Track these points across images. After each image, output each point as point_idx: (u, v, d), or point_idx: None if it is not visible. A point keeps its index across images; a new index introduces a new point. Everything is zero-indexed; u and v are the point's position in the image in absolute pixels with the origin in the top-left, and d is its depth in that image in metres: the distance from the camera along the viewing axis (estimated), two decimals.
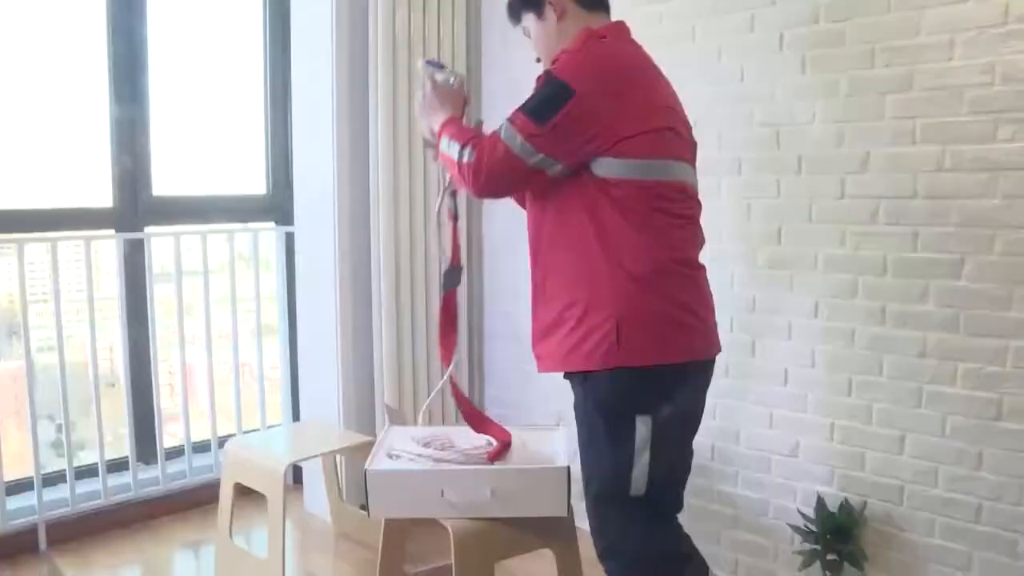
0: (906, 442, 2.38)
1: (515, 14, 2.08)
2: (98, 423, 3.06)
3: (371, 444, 2.60)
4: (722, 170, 2.72)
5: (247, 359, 3.55)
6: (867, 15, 2.36)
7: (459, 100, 2.10)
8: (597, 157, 1.80)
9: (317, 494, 3.27)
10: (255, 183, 3.64)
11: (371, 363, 3.27)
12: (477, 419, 2.27)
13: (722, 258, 2.73)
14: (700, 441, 2.81)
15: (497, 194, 2.00)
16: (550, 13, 1.98)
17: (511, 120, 1.83)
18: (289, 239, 3.53)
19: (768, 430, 2.68)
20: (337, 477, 3.17)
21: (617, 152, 1.79)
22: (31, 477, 2.95)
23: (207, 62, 3.45)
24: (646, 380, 1.81)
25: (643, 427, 1.82)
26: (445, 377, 2.26)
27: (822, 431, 2.55)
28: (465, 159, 1.87)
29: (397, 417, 2.81)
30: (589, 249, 1.84)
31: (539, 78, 1.91)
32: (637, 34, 2.65)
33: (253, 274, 3.48)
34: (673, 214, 1.86)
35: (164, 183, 3.29)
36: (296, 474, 3.53)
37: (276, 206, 3.62)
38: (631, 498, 1.86)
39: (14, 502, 2.96)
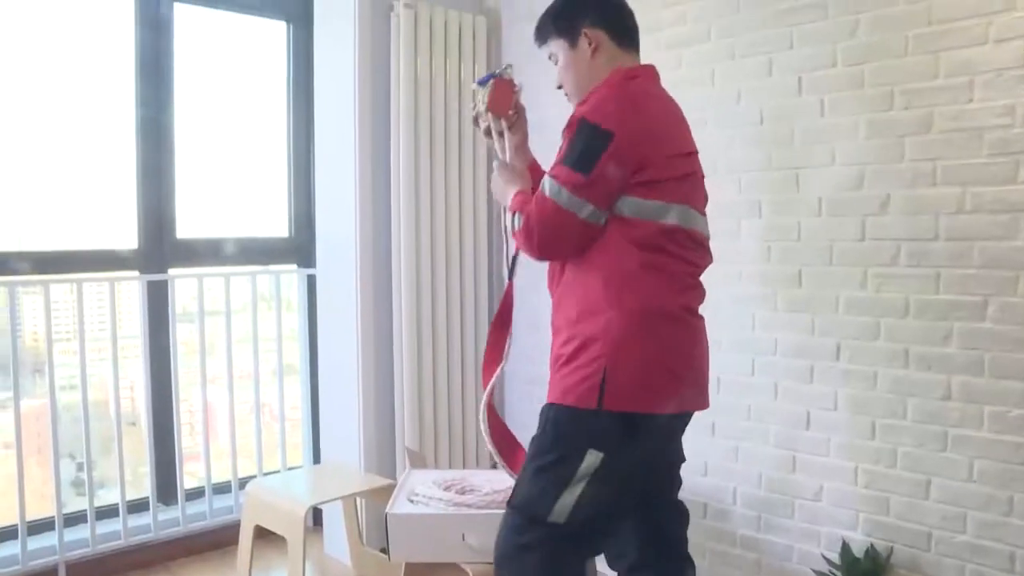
0: (932, 487, 2.35)
1: (544, 37, 2.04)
2: (119, 463, 3.07)
3: (392, 487, 2.60)
4: (742, 212, 2.73)
5: (268, 399, 3.57)
6: (885, 58, 2.38)
7: (518, 128, 2.16)
8: (624, 196, 1.78)
9: (337, 537, 3.26)
10: (278, 226, 3.67)
11: (392, 405, 3.27)
12: (508, 445, 2.17)
13: (743, 301, 2.73)
14: (721, 485, 2.81)
15: (556, 253, 1.91)
16: (584, 45, 1.95)
17: (554, 175, 1.80)
18: (311, 281, 3.55)
19: (791, 474, 2.65)
20: (357, 520, 3.16)
21: (645, 193, 1.78)
22: (51, 517, 2.96)
23: (232, 106, 3.51)
24: (616, 422, 1.76)
25: (591, 460, 1.76)
26: (485, 396, 2.18)
27: (846, 475, 2.52)
28: (517, 225, 1.85)
29: (418, 460, 2.81)
30: (594, 286, 1.81)
31: (571, 123, 1.87)
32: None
33: (275, 315, 3.51)
34: (686, 260, 1.85)
35: (188, 225, 3.34)
36: (316, 516, 3.52)
37: (298, 248, 3.66)
38: (546, 523, 1.78)
39: (35, 542, 2.96)
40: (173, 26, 3.23)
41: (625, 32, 2.00)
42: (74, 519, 3.08)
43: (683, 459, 2.09)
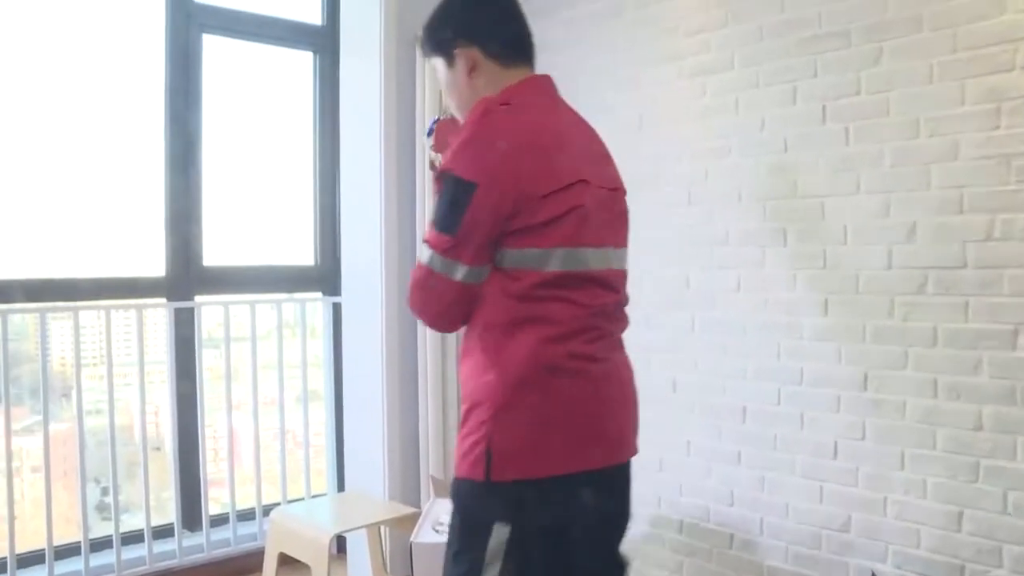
0: (964, 518, 2.31)
1: (425, 52, 1.86)
2: (145, 490, 3.09)
3: (416, 516, 2.59)
4: (766, 240, 2.72)
5: (292, 426, 3.58)
6: (910, 86, 2.37)
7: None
8: (501, 247, 1.59)
9: (362, 565, 3.25)
10: (303, 254, 3.71)
11: (416, 433, 3.27)
12: None
13: (768, 329, 2.71)
14: (748, 516, 2.78)
15: (449, 320, 1.70)
16: (459, 64, 1.76)
17: (426, 240, 1.63)
18: (336, 309, 3.57)
19: (818, 504, 2.61)
20: (382, 549, 3.15)
21: (520, 242, 1.57)
22: (77, 542, 2.98)
23: (258, 136, 3.56)
24: (510, 492, 1.56)
25: (499, 534, 1.55)
26: None
27: (875, 506, 2.49)
28: (407, 301, 1.70)
29: (443, 489, 2.80)
30: (477, 345, 1.63)
31: (435, 178, 1.68)
32: (681, 106, 2.69)
33: (300, 342, 3.53)
34: (577, 304, 1.62)
35: (215, 253, 3.37)
36: (340, 544, 3.51)
37: (324, 277, 3.68)
38: None
39: (61, 567, 2.98)
40: (202, 57, 3.28)
41: (506, 47, 1.77)
42: (99, 544, 3.10)
43: (627, 514, 1.83)
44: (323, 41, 3.59)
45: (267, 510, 3.24)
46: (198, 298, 3.29)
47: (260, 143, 3.57)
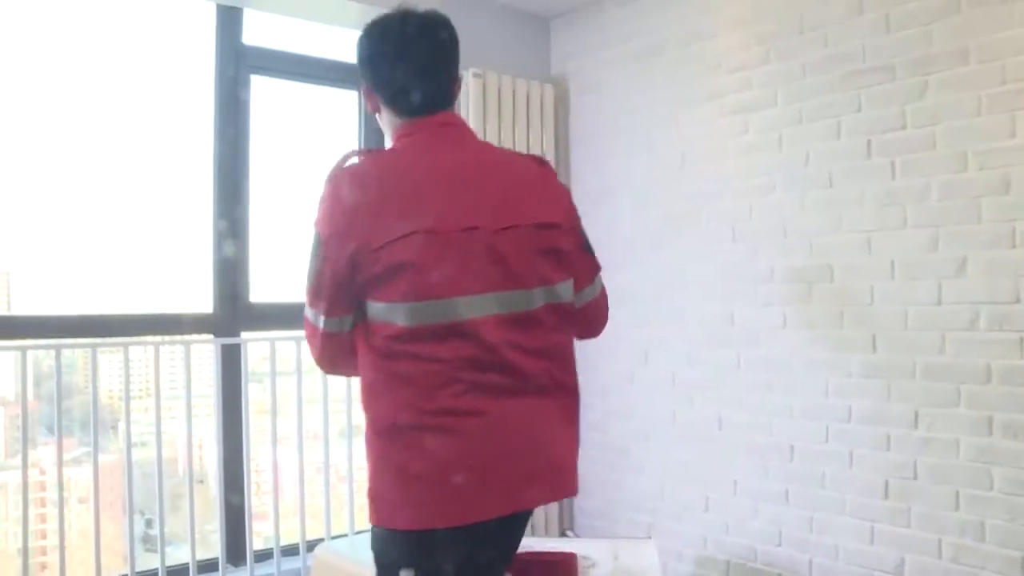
0: None
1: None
2: (191, 524, 3.11)
3: None
4: (813, 276, 2.69)
5: (336, 460, 3.58)
6: (957, 119, 2.35)
7: None
8: (363, 299, 1.58)
9: None
10: None
11: None
12: None
13: (815, 366, 2.68)
14: (796, 556, 2.72)
15: (328, 368, 1.75)
16: (367, 103, 1.76)
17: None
18: None
19: (869, 545, 2.55)
20: None
21: (371, 294, 1.56)
22: (124, 575, 2.99)
23: (304, 172, 3.61)
24: (401, 539, 1.58)
25: None
26: None
27: (929, 547, 2.42)
28: None
29: None
30: (361, 399, 1.65)
31: None
32: (722, 144, 2.69)
33: (344, 377, 3.54)
34: (437, 359, 1.55)
35: (261, 290, 3.41)
36: None
37: None
38: None
39: None
40: (250, 96, 3.35)
41: (397, 98, 1.72)
42: None
43: (508, 558, 1.77)
44: None
45: (311, 545, 3.23)
46: (244, 334, 3.33)
47: (306, 180, 3.63)
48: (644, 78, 3.28)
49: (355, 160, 1.64)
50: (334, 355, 1.67)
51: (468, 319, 1.56)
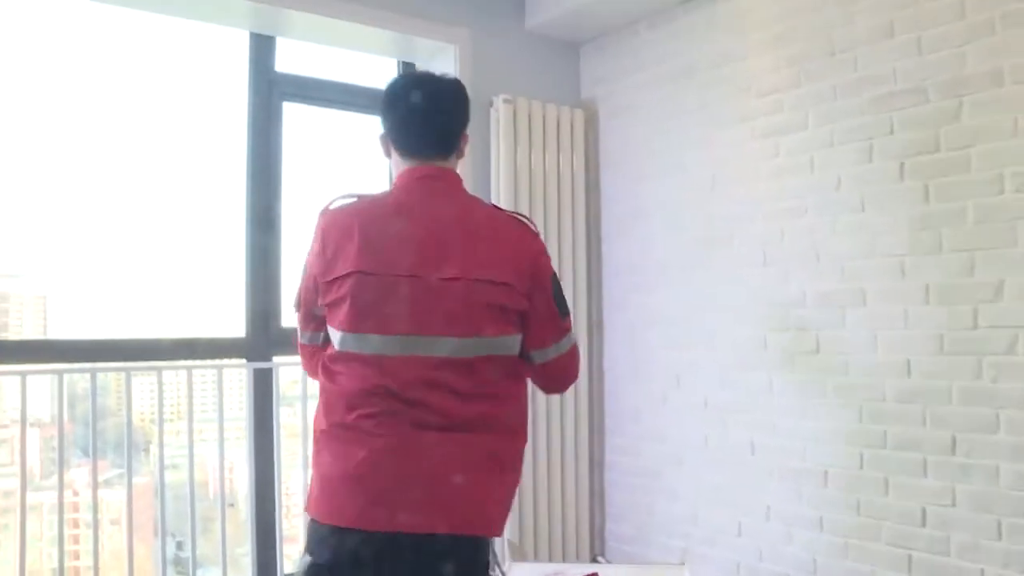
0: None
1: None
2: (222, 547, 3.12)
3: None
4: (845, 301, 2.67)
5: None
6: (992, 140, 2.33)
7: None
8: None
9: None
10: None
11: None
12: None
13: (849, 391, 2.65)
14: None
15: (310, 375, 2.01)
16: (381, 145, 2.00)
17: None
18: None
19: (907, 574, 2.50)
20: None
21: (327, 319, 1.84)
22: None
23: (334, 194, 3.64)
24: (310, 526, 1.81)
25: (302, 564, 1.80)
26: None
27: None
28: None
29: (519, 553, 2.77)
30: None
31: None
32: (753, 167, 2.69)
33: None
34: (350, 383, 1.79)
35: (293, 315, 3.43)
36: None
37: None
38: None
39: None
40: (282, 123, 3.39)
41: (400, 143, 1.94)
42: None
43: None
44: None
45: None
46: (276, 358, 3.35)
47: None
48: (675, 101, 3.28)
49: (344, 202, 1.90)
50: (309, 364, 1.97)
51: (383, 355, 1.77)
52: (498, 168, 3.26)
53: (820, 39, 2.76)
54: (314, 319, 1.90)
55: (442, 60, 3.42)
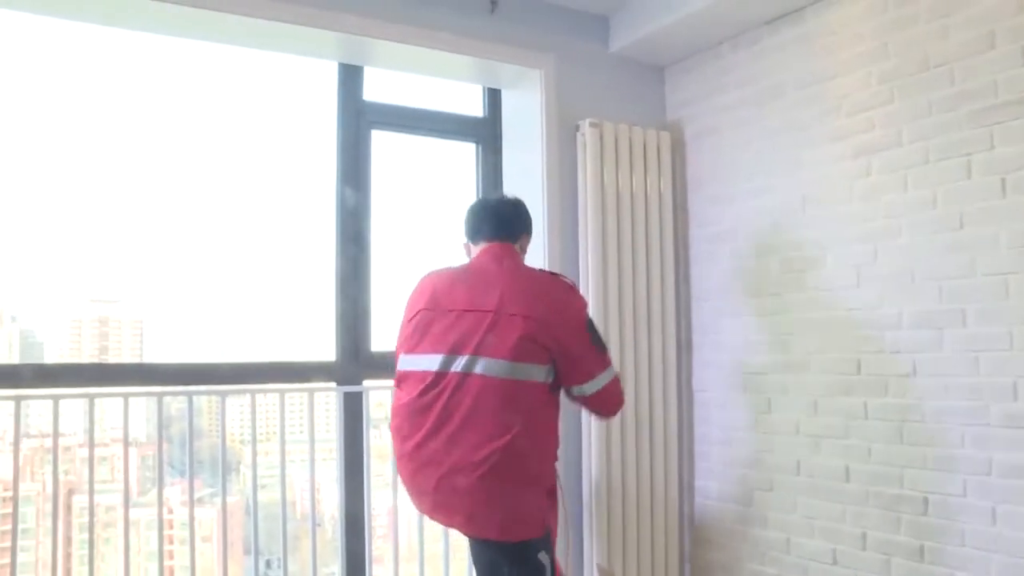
0: None
1: None
2: (312, 567, 3.17)
3: None
4: (944, 322, 2.58)
5: None
6: None
7: None
8: None
9: None
10: None
11: (581, 520, 3.24)
12: None
13: (948, 415, 2.56)
14: None
15: None
16: (465, 252, 2.68)
17: None
18: None
19: None
20: None
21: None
22: None
23: (423, 224, 3.70)
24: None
25: None
26: None
27: None
28: None
29: None
30: None
31: None
32: (845, 186, 2.65)
33: None
34: (401, 396, 2.48)
35: (382, 339, 3.49)
36: None
37: None
38: None
39: None
40: (370, 151, 3.46)
41: (471, 234, 2.63)
42: None
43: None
44: (485, 133, 3.72)
45: None
46: (366, 382, 3.41)
47: (425, 231, 3.71)
48: (762, 121, 3.25)
49: (435, 269, 2.60)
50: None
51: (422, 371, 2.40)
52: (585, 192, 3.27)
53: (914, 54, 2.70)
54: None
55: (527, 86, 3.46)
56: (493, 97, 3.70)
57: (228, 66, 3.34)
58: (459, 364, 2.30)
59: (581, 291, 3.27)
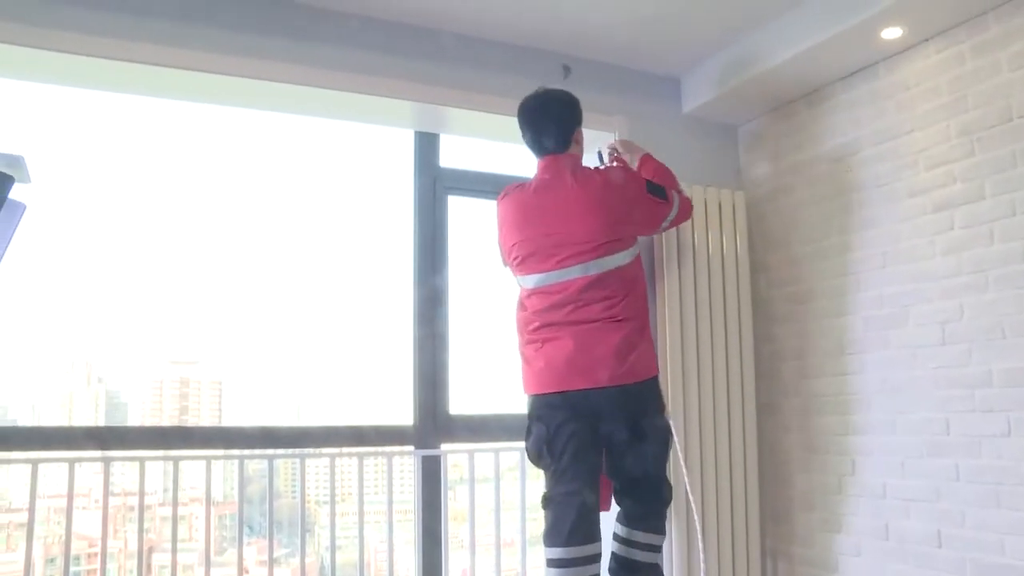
0: None
1: None
2: None
3: None
4: None
5: (533, 565, 3.55)
6: None
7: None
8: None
9: None
10: None
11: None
12: None
13: None
14: None
15: None
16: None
17: None
18: None
19: None
20: None
21: (513, 270, 2.85)
22: None
23: (499, 287, 3.73)
24: (530, 399, 2.76)
25: (536, 428, 2.72)
26: None
27: None
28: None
29: None
30: None
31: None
32: (926, 241, 2.61)
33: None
34: (531, 306, 2.76)
35: (460, 402, 3.50)
36: None
37: None
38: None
39: None
40: (447, 216, 3.53)
41: (529, 147, 2.87)
42: None
43: (621, 435, 2.67)
44: None
45: None
46: (444, 446, 3.41)
47: (501, 295, 3.74)
48: (837, 179, 3.22)
49: (506, 192, 2.87)
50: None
51: (545, 286, 2.72)
52: (662, 253, 3.27)
53: (996, 105, 2.65)
54: (506, 266, 2.89)
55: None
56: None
57: (308, 136, 3.47)
58: (567, 274, 2.67)
59: (657, 351, 3.26)
